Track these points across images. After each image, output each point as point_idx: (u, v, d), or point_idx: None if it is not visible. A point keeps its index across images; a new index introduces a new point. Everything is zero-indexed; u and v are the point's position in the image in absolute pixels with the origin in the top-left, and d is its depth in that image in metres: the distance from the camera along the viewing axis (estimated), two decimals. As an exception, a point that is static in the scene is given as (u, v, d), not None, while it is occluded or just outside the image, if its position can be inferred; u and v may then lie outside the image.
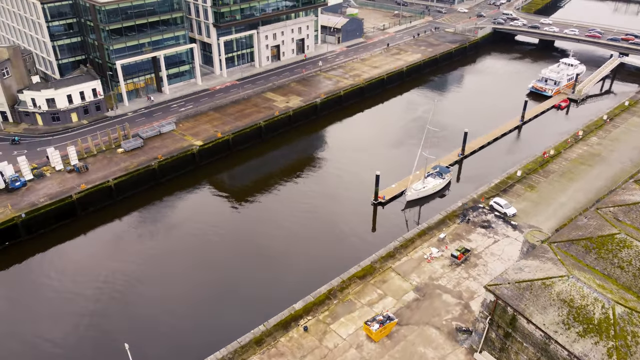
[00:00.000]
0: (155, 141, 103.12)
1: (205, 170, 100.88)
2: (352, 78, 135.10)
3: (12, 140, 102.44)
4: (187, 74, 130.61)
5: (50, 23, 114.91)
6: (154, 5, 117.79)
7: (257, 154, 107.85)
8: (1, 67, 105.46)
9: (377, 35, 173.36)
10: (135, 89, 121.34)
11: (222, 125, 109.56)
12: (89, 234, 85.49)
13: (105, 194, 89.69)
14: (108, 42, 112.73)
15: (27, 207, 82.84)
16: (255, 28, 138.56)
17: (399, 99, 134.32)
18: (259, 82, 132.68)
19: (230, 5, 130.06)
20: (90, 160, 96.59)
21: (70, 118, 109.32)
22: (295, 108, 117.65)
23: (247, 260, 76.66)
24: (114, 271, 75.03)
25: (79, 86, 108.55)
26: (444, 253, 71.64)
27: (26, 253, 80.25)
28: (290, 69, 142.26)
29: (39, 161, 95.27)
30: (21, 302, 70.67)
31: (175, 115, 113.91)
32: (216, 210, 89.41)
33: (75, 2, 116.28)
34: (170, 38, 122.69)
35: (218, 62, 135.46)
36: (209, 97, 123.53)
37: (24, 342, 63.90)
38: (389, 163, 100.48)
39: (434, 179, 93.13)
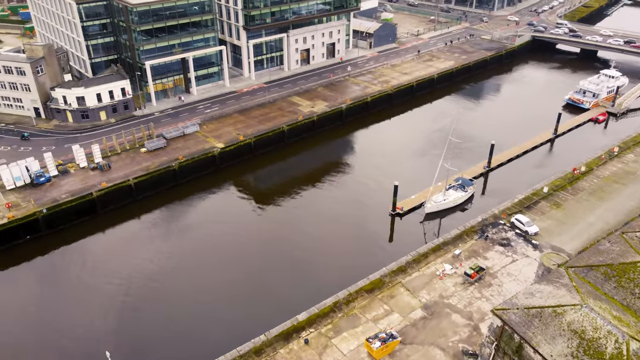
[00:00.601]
0: (178, 142, 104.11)
1: (225, 173, 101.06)
2: (380, 84, 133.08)
3: (22, 136, 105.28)
4: (216, 76, 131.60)
5: (85, 23, 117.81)
6: (185, 7, 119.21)
7: (278, 158, 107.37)
8: (36, 64, 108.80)
9: (410, 41, 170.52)
10: (164, 89, 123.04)
11: (245, 128, 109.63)
12: (108, 232, 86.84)
13: (126, 192, 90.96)
14: (139, 43, 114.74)
15: (49, 202, 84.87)
16: (285, 31, 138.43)
17: (427, 107, 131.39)
18: (286, 86, 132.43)
19: (260, 9, 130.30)
20: (114, 158, 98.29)
21: (99, 116, 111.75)
22: (319, 113, 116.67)
23: (257, 265, 76.09)
24: (129, 269, 75.97)
25: (108, 85, 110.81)
26: (458, 270, 69.05)
27: (46, 248, 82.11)
28: (319, 73, 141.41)
29: (65, 158, 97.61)
30: (38, 294, 72.26)
31: (200, 116, 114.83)
32: (232, 214, 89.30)
33: (109, 3, 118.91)
34: (199, 40, 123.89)
35: (247, 64, 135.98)
36: (235, 100, 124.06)
37: (39, 331, 65.21)
38: (410, 173, 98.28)
39: (456, 192, 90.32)
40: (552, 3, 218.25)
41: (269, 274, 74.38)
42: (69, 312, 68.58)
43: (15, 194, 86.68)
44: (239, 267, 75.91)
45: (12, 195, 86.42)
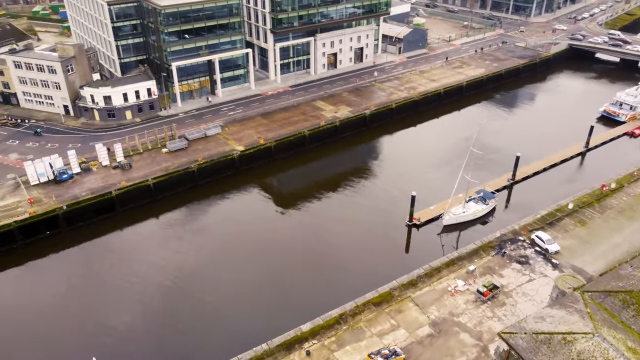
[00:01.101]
0: (199, 143, 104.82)
1: (244, 176, 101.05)
2: (406, 90, 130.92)
3: (35, 132, 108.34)
4: (242, 78, 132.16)
5: (115, 23, 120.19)
6: (213, 9, 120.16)
7: (298, 162, 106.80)
8: (67, 63, 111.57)
9: (441, 46, 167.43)
10: (190, 90, 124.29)
11: (267, 131, 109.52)
12: (126, 230, 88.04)
13: (144, 192, 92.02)
14: (166, 44, 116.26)
15: (69, 199, 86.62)
16: (312, 35, 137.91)
17: (454, 116, 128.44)
18: (312, 90, 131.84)
19: (288, 12, 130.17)
20: (136, 158, 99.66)
21: (125, 115, 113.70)
22: (342, 118, 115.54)
23: (267, 270, 75.59)
24: (145, 268, 77.02)
25: (135, 85, 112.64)
26: (471, 287, 66.76)
27: (65, 243, 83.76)
28: (345, 78, 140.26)
29: (89, 155, 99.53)
30: (56, 287, 73.72)
31: (223, 118, 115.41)
32: (248, 217, 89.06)
33: (139, 4, 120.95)
34: (226, 42, 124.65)
35: (273, 67, 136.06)
36: (259, 103, 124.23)
37: (52, 324, 66.43)
38: (431, 182, 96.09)
39: (476, 204, 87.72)
40: (593, 10, 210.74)
41: (279, 279, 73.88)
42: (84, 307, 69.69)
43: (38, 190, 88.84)
44: (250, 270, 75.64)
45: (36, 190, 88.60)
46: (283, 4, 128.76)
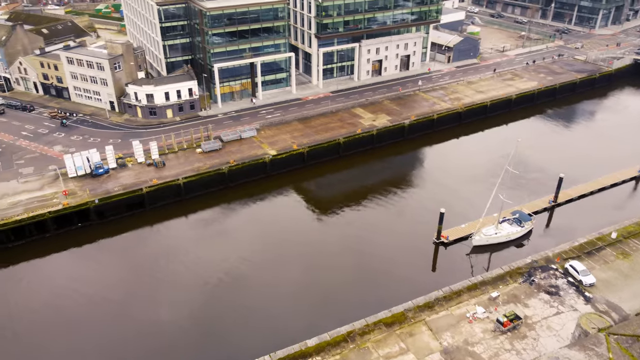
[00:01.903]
0: (233, 145, 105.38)
1: (275, 181, 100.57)
2: (451, 101, 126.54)
3: (62, 123, 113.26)
4: (284, 82, 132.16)
5: (163, 24, 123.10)
6: (258, 12, 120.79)
7: (331, 170, 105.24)
8: (115, 61, 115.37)
9: (494, 57, 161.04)
10: (231, 92, 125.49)
11: (302, 137, 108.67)
12: (155, 227, 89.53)
13: (175, 191, 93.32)
14: (210, 45, 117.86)
15: (102, 193, 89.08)
16: (358, 41, 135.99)
17: (499, 130, 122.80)
18: (353, 97, 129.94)
19: (333, 17, 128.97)
20: (170, 156, 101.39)
21: (166, 114, 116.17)
22: (380, 127, 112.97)
23: (285, 279, 74.56)
24: (170, 265, 78.05)
25: (176, 85, 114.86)
26: (491, 315, 62.84)
27: (95, 236, 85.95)
28: (389, 85, 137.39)
29: (127, 151, 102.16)
30: (83, 277, 75.90)
31: (260, 121, 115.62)
32: (273, 223, 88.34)
33: (187, 5, 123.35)
34: (270, 45, 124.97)
35: (316, 72, 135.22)
36: (298, 107, 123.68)
37: (86, 313, 68.31)
38: (463, 200, 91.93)
39: (510, 226, 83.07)
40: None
41: (292, 289, 72.75)
42: (113, 299, 71.48)
43: (74, 182, 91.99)
44: (265, 275, 74.88)
45: (72, 183, 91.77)
46: (329, 9, 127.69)
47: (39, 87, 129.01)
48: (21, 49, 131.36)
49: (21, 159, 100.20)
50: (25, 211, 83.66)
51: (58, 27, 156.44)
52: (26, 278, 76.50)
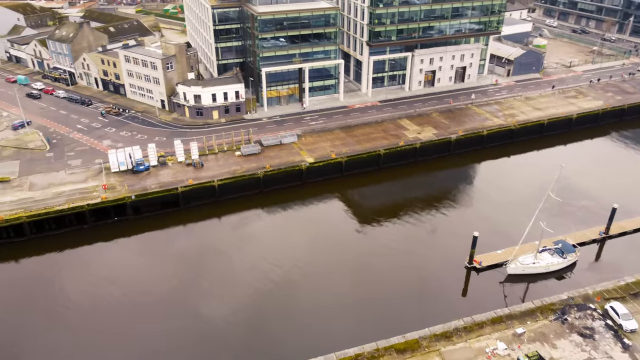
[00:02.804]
0: (272, 150, 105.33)
1: (310, 189, 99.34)
2: (504, 117, 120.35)
3: (101, 113, 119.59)
4: (332, 89, 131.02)
5: (217, 26, 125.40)
6: (310, 18, 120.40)
7: (368, 182, 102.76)
8: (167, 61, 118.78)
9: (559, 72, 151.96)
10: (278, 96, 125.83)
11: (342, 146, 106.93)
12: (188, 226, 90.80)
13: (209, 192, 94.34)
14: (259, 49, 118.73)
15: (139, 190, 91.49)
16: (411, 50, 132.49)
17: (555, 151, 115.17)
18: (401, 107, 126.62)
19: (386, 25, 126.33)
20: (210, 157, 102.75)
21: (212, 115, 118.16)
22: (424, 141, 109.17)
23: (302, 292, 73.13)
24: (203, 265, 78.77)
25: (224, 87, 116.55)
26: (512, 353, 58.38)
27: (130, 230, 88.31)
28: (441, 97, 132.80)
29: (170, 150, 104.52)
30: (117, 271, 78.10)
31: (303, 127, 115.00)
32: (302, 231, 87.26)
33: (241, 9, 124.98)
34: (319, 52, 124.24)
35: (366, 80, 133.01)
36: (343, 115, 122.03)
37: (110, 305, 70.48)
38: (502, 223, 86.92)
39: (551, 257, 77.35)
40: None
41: (308, 302, 71.07)
42: (140, 294, 73.05)
43: (115, 177, 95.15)
44: (281, 291, 73.56)
45: (113, 178, 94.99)
46: (382, 17, 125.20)
47: (99, 82, 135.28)
48: (86, 46, 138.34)
49: (72, 151, 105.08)
50: (67, 202, 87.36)
51: (124, 25, 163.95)
52: (63, 265, 79.70)
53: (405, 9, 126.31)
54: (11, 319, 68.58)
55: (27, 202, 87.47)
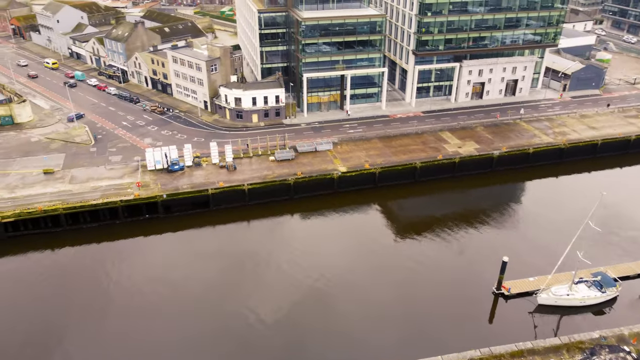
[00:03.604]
0: (306, 157, 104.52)
1: (340, 198, 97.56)
2: (554, 135, 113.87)
3: (142, 107, 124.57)
4: (374, 97, 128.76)
5: (262, 30, 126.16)
6: (355, 25, 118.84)
7: (402, 195, 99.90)
8: (212, 63, 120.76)
9: (621, 89, 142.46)
10: (319, 102, 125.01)
11: (377, 156, 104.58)
12: (217, 227, 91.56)
13: (239, 195, 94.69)
14: (302, 55, 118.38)
15: (171, 189, 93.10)
16: (459, 60, 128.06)
17: (607, 174, 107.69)
18: (444, 119, 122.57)
19: (434, 34, 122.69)
20: (244, 161, 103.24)
21: (251, 118, 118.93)
22: (464, 155, 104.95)
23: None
24: (230, 269, 78.89)
25: (264, 91, 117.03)
26: (529, 393, 54.41)
27: (160, 228, 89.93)
28: (488, 111, 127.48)
29: (206, 151, 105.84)
30: (145, 268, 79.85)
31: (341, 135, 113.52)
32: (331, 243, 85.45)
33: (287, 14, 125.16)
34: (363, 59, 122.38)
35: (410, 90, 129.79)
36: (383, 124, 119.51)
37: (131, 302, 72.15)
38: (537, 249, 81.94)
39: (588, 289, 72.00)
40: None
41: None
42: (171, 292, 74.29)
43: (150, 175, 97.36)
44: (297, 301, 72.46)
45: (148, 176, 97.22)
46: (430, 26, 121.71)
47: (149, 81, 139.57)
48: (140, 45, 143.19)
49: (114, 147, 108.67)
50: (102, 197, 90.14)
51: (179, 26, 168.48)
52: (96, 258, 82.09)
53: (455, 18, 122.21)
54: (46, 308, 71.07)
55: (65, 194, 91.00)
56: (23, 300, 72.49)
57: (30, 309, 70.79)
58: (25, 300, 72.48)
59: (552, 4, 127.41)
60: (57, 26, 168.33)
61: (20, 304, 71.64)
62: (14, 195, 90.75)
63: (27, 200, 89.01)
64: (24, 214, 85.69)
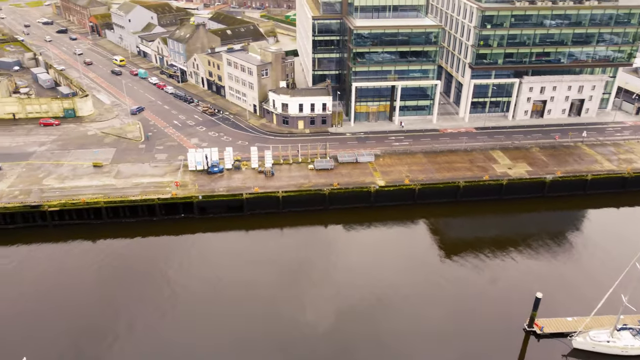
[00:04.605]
0: (346, 167, 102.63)
1: (377, 213, 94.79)
2: (618, 162, 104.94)
3: (190, 101, 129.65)
4: (426, 109, 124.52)
5: (316, 37, 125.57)
6: (409, 35, 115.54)
7: (441, 214, 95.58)
8: (263, 68, 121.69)
9: None
10: (367, 112, 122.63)
11: (420, 172, 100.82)
12: (251, 232, 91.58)
13: (273, 202, 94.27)
14: (352, 63, 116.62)
15: (207, 191, 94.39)
16: (519, 76, 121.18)
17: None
18: (498, 137, 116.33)
19: (493, 48, 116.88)
20: (283, 167, 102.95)
21: (297, 124, 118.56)
22: (513, 178, 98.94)
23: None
24: (261, 272, 79.25)
25: (312, 98, 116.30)
26: None
27: (194, 228, 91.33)
28: (548, 131, 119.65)
29: (247, 155, 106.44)
30: (180, 266, 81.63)
31: (385, 147, 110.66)
32: (364, 256, 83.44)
33: (342, 21, 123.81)
34: (416, 70, 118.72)
35: (464, 104, 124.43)
36: (431, 139, 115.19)
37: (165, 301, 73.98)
38: (576, 287, 75.45)
39: (633, 338, 65.36)
40: None
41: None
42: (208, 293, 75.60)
43: (190, 176, 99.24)
44: (345, 311, 70.84)
45: (188, 176, 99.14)
46: (489, 39, 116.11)
47: (205, 82, 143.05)
48: (200, 47, 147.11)
49: (162, 145, 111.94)
50: (141, 193, 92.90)
51: (241, 29, 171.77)
52: (133, 251, 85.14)
53: (517, 31, 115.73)
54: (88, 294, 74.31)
55: (109, 188, 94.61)
56: (61, 287, 75.70)
57: (69, 295, 74.00)
58: (63, 288, 75.65)
59: (629, 20, 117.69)
60: (129, 25, 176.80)
61: (56, 291, 74.85)
62: (63, 185, 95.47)
63: (74, 192, 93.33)
64: (69, 205, 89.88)
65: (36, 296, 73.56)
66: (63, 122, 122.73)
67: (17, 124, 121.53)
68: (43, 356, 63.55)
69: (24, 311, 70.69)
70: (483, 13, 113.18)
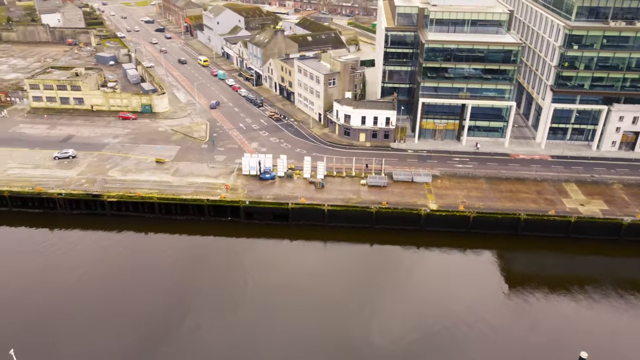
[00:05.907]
0: (400, 186, 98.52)
1: (426, 238, 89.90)
2: None
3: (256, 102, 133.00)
4: (499, 131, 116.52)
5: (388, 49, 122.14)
6: (485, 52, 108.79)
7: (496, 246, 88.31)
8: (331, 77, 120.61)
9: None
10: (433, 129, 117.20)
11: (478, 199, 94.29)
12: (295, 242, 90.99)
13: (319, 214, 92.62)
14: (422, 78, 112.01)
15: (255, 197, 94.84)
16: (609, 103, 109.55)
17: None
18: (575, 168, 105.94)
19: (578, 70, 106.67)
20: (336, 180, 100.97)
21: (358, 137, 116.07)
22: (584, 216, 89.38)
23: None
24: (304, 284, 78.88)
25: (375, 111, 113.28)
26: None
27: (239, 232, 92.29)
28: (637, 166, 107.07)
29: (300, 164, 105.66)
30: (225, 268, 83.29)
31: (446, 169, 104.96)
32: (407, 283, 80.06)
33: (416, 34, 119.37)
34: (491, 89, 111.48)
35: (542, 129, 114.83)
36: (498, 164, 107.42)
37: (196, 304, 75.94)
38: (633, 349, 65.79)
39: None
40: None
41: None
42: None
43: (242, 180, 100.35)
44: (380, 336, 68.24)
45: (240, 180, 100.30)
46: (575, 61, 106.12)
47: (277, 87, 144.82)
48: (277, 52, 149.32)
49: (223, 146, 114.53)
50: (193, 192, 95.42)
51: (322, 36, 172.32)
52: (180, 247, 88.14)
53: (609, 54, 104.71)
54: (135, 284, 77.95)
55: (164, 184, 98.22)
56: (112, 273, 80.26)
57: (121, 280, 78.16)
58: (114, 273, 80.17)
59: None
60: (217, 27, 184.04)
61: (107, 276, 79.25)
62: (125, 178, 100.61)
63: (133, 185, 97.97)
64: (125, 197, 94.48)
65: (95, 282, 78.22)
66: (140, 117, 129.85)
67: (99, 115, 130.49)
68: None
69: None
70: (570, 32, 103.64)
